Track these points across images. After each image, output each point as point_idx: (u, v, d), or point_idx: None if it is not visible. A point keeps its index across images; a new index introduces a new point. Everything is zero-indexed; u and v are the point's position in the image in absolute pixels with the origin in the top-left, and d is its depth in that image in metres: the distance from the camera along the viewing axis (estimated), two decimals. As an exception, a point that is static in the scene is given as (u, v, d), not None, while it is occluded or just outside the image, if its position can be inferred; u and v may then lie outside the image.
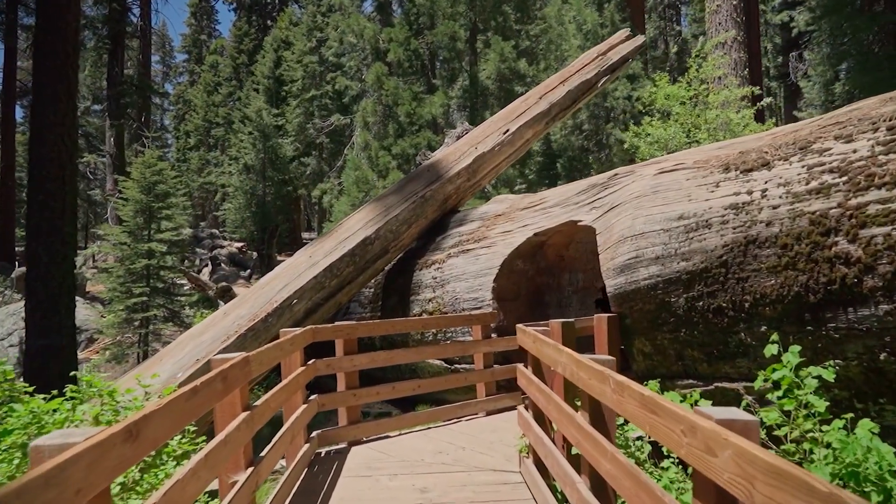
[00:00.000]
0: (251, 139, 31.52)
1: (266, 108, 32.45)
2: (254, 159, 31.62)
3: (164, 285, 20.85)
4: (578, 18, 25.31)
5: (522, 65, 22.22)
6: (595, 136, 26.31)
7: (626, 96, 25.66)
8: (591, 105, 25.90)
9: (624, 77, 25.89)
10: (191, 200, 37.73)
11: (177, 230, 22.07)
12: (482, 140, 10.76)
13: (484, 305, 7.93)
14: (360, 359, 6.51)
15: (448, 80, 22.91)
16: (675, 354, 5.60)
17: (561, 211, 7.53)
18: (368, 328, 6.60)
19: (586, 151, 25.92)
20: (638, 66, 26.36)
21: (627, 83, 25.71)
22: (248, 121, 32.54)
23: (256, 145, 31.51)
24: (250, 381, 4.12)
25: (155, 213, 20.69)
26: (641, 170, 6.70)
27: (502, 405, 7.58)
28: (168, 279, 21.26)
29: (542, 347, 4.53)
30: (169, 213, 20.86)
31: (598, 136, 26.24)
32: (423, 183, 10.07)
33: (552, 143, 26.32)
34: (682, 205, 5.52)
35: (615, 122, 25.78)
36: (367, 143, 23.36)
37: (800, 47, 26.06)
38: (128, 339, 20.56)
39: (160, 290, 20.42)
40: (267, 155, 31.78)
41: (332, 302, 9.01)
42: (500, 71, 22.02)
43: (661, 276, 5.51)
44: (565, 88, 11.59)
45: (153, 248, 19.93)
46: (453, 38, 22.36)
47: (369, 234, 9.21)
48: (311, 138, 32.62)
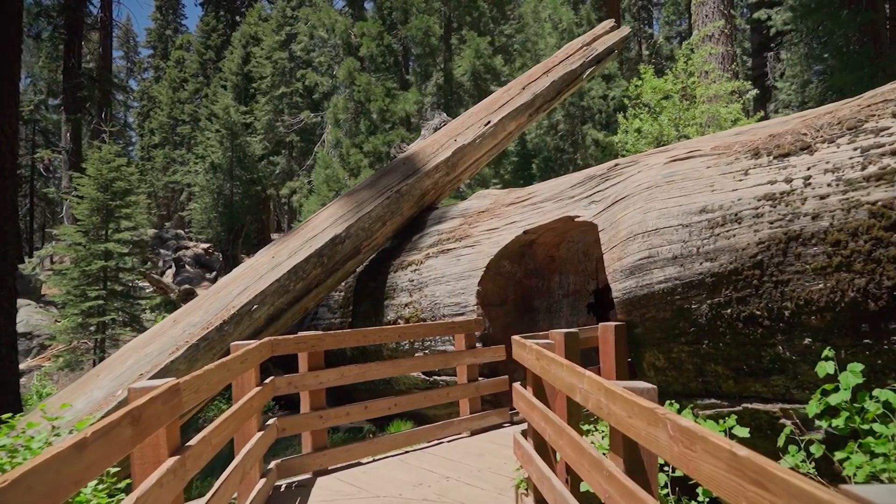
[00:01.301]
0: (218, 137, 30.21)
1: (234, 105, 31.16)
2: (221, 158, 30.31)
3: (123, 288, 19.54)
4: (554, 17, 24.67)
5: (498, 61, 21.42)
6: (571, 136, 25.67)
7: (602, 96, 25.09)
8: (566, 104, 25.25)
9: (600, 77, 25.32)
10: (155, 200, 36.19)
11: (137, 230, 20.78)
12: (462, 132, 9.87)
13: (467, 311, 7.03)
14: (327, 375, 5.56)
15: (422, 76, 21.99)
16: (695, 369, 4.76)
17: (554, 206, 6.67)
18: (337, 339, 5.65)
19: (561, 152, 25.26)
20: (614, 66, 25.81)
21: (603, 83, 25.13)
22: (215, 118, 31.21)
23: (224, 143, 30.21)
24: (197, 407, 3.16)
25: (113, 212, 19.35)
26: (646, 159, 5.87)
27: (488, 423, 6.68)
28: (127, 282, 19.95)
29: (549, 367, 3.64)
30: (128, 212, 19.56)
31: (574, 137, 25.61)
32: (398, 177, 9.13)
33: (527, 142, 25.61)
34: (704, 196, 4.68)
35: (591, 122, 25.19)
36: (339, 141, 22.32)
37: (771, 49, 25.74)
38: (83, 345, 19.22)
39: (118, 294, 19.09)
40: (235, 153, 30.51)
41: (297, 307, 8.02)
42: (476, 68, 21.18)
43: (679, 278, 4.67)
44: (549, 79, 10.77)
45: (111, 248, 18.60)
46: (427, 33, 21.44)
47: (339, 232, 8.25)
48: (280, 136, 31.43)
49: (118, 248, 18.70)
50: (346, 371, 5.70)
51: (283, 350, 5.34)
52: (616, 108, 25.79)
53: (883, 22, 15.56)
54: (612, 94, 24.99)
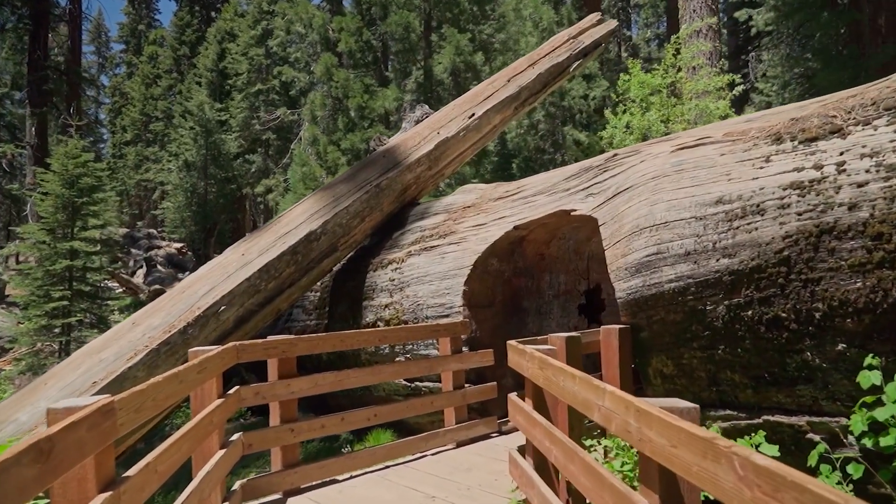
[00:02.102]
0: (192, 134, 29.32)
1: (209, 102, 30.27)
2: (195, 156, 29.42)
3: (91, 289, 18.64)
4: (535, 16, 24.27)
5: (479, 58, 20.92)
6: (551, 136, 25.29)
7: (583, 95, 24.74)
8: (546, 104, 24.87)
9: (580, 76, 24.98)
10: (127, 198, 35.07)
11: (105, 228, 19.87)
12: (445, 124, 9.33)
13: (452, 313, 6.49)
14: (299, 384, 4.96)
15: (402, 72, 21.42)
16: (708, 377, 4.27)
17: (546, 199, 6.15)
18: (311, 344, 5.06)
19: (542, 152, 24.87)
20: (594, 66, 25.49)
21: (584, 82, 24.79)
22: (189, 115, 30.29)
23: (198, 141, 29.33)
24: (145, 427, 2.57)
25: (79, 209, 18.44)
26: (649, 148, 5.38)
27: (476, 433, 6.14)
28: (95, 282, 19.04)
29: (557, 378, 3.11)
30: (95, 210, 18.64)
31: (554, 137, 25.24)
32: (378, 170, 8.55)
33: (507, 142, 25.19)
34: (720, 186, 4.19)
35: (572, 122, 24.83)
36: (315, 138, 21.64)
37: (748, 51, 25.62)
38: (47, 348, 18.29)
39: (85, 294, 18.18)
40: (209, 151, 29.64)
41: (269, 308, 7.40)
42: (456, 64, 20.66)
43: (692, 276, 4.17)
44: (535, 71, 10.28)
45: (77, 247, 17.69)
46: (407, 29, 20.88)
47: (314, 228, 7.65)
48: (256, 134, 30.59)
49: (85, 246, 17.81)
50: (321, 379, 5.11)
51: (249, 356, 4.74)
52: (597, 108, 25.51)
53: (865, 22, 15.36)
54: (592, 93, 24.66)
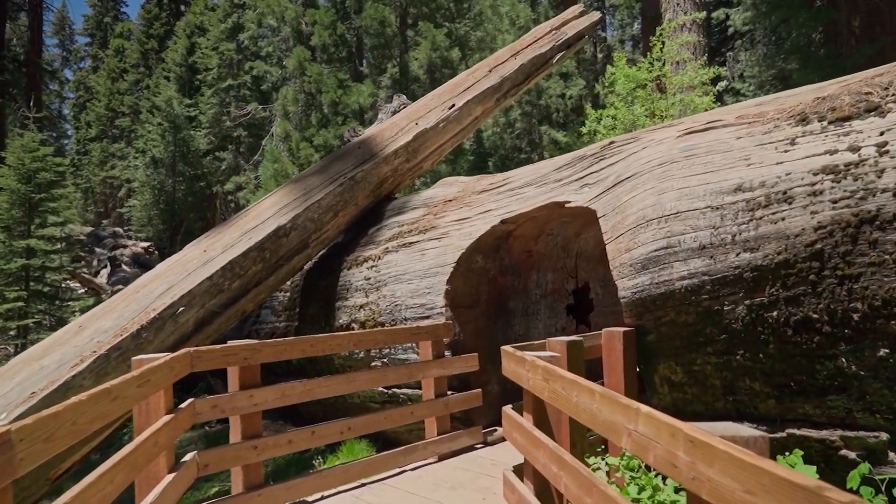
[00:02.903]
0: (160, 130, 28.30)
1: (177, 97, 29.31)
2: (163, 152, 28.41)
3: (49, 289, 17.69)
4: (511, 13, 23.87)
5: (455, 55, 20.40)
6: (527, 134, 24.92)
7: (560, 94, 24.40)
8: (523, 102, 24.50)
9: (557, 75, 24.64)
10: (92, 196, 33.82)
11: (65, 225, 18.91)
12: (424, 115, 8.79)
13: (434, 314, 5.94)
14: (263, 394, 4.37)
15: (377, 68, 20.81)
16: (723, 386, 3.80)
17: (536, 191, 5.65)
18: (277, 350, 4.48)
19: (518, 151, 24.48)
20: (571, 64, 25.18)
21: (561, 81, 24.46)
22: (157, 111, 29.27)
23: (166, 137, 28.32)
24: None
25: (36, 206, 17.47)
26: (650, 135, 4.91)
27: (459, 445, 5.60)
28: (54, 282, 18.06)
29: (570, 393, 2.59)
30: (54, 206, 17.71)
31: (531, 136, 24.87)
32: (352, 162, 7.97)
33: (483, 140, 24.74)
34: (739, 171, 3.72)
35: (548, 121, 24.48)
36: (288, 134, 20.93)
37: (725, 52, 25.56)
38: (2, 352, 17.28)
39: (43, 295, 17.22)
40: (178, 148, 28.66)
41: (233, 309, 6.77)
42: (432, 60, 20.12)
43: (708, 273, 3.70)
44: (518, 62, 9.79)
45: (34, 245, 16.72)
46: (383, 23, 20.28)
47: (284, 222, 7.04)
48: (227, 131, 29.67)
49: (43, 245, 16.87)
50: (289, 389, 4.52)
51: (206, 364, 4.14)
52: (574, 107, 25.20)
53: (842, 22, 15.23)
54: (569, 92, 24.33)
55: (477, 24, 23.92)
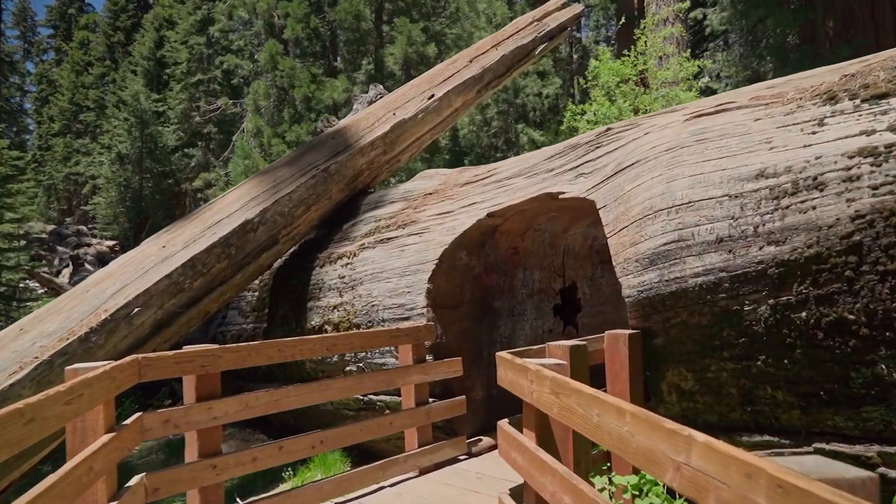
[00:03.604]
0: (127, 126, 27.32)
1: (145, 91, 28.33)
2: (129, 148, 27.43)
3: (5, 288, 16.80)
4: (488, 11, 23.51)
5: (432, 50, 19.92)
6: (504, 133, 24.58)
7: (537, 93, 24.11)
8: (499, 101, 24.16)
9: (534, 73, 24.34)
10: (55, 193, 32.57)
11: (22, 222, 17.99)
12: (402, 105, 8.30)
13: (414, 315, 5.45)
14: (224, 406, 3.85)
15: (351, 63, 20.24)
16: (741, 394, 3.39)
17: (526, 182, 5.20)
18: (239, 355, 3.95)
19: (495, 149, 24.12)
20: (548, 63, 24.90)
21: (538, 80, 24.17)
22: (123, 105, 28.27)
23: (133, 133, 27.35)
24: None
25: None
26: (653, 120, 4.50)
27: (442, 457, 5.13)
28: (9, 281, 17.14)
29: (589, 410, 2.13)
30: (10, 202, 16.83)
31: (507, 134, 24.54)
32: (326, 153, 7.45)
33: (460, 139, 24.33)
34: (760, 156, 3.32)
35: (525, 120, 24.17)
36: (259, 130, 20.23)
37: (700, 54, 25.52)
38: (-47, 355, 16.27)
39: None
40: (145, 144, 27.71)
41: (195, 310, 6.20)
42: (408, 55, 19.61)
43: (726, 269, 3.28)
44: (499, 53, 9.36)
45: (-12, 243, 15.82)
46: (358, 17, 19.72)
47: (251, 216, 6.49)
48: (196, 127, 28.76)
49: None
50: (253, 400, 4.00)
51: (157, 373, 3.61)
52: (551, 106, 24.93)
53: (819, 21, 15.12)
54: (546, 91, 24.05)
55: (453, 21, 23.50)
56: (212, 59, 28.11)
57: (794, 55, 15.91)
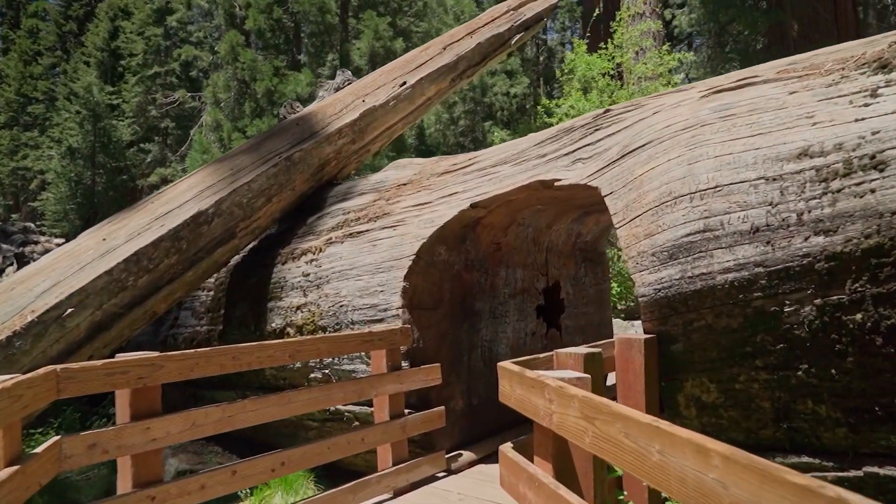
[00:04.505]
0: (78, 119, 25.86)
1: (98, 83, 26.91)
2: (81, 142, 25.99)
3: (-60, 288, 15.45)
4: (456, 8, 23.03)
5: (399, 45, 19.30)
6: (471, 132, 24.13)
7: (505, 93, 23.71)
8: (466, 99, 23.72)
9: (503, 72, 23.95)
10: (0, 188, 30.77)
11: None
12: (372, 92, 7.68)
13: (388, 317, 4.85)
14: (165, 425, 3.19)
15: (316, 56, 19.47)
16: (775, 409, 2.90)
17: (513, 170, 4.66)
18: (185, 364, 3.30)
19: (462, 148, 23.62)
20: (516, 62, 24.54)
21: (506, 78, 23.78)
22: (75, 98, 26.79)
23: (85, 126, 25.91)
24: None
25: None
26: (656, 101, 4.01)
27: (419, 476, 4.54)
28: (-55, 280, 15.84)
29: (645, 445, 1.58)
30: (-55, 195, 15.56)
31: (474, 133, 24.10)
32: (289, 140, 6.78)
33: (426, 137, 23.78)
34: (801, 133, 2.83)
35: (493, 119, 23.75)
36: (219, 123, 19.30)
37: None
38: None
39: (-68, 294, 14.98)
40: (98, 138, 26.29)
41: (140, 311, 5.48)
42: (375, 50, 18.95)
43: (764, 263, 2.79)
44: (474, 41, 8.83)
45: (-80, 238, 14.55)
46: (322, 9, 18.98)
47: (205, 207, 5.80)
48: (153, 122, 27.49)
49: (-68, 238, 14.74)
50: (201, 417, 3.35)
51: (80, 387, 2.93)
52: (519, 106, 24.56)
53: (789, 23, 15.06)
54: (514, 91, 23.66)
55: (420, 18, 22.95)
56: (169, 52, 26.90)
57: (761, 57, 15.85)
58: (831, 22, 16.15)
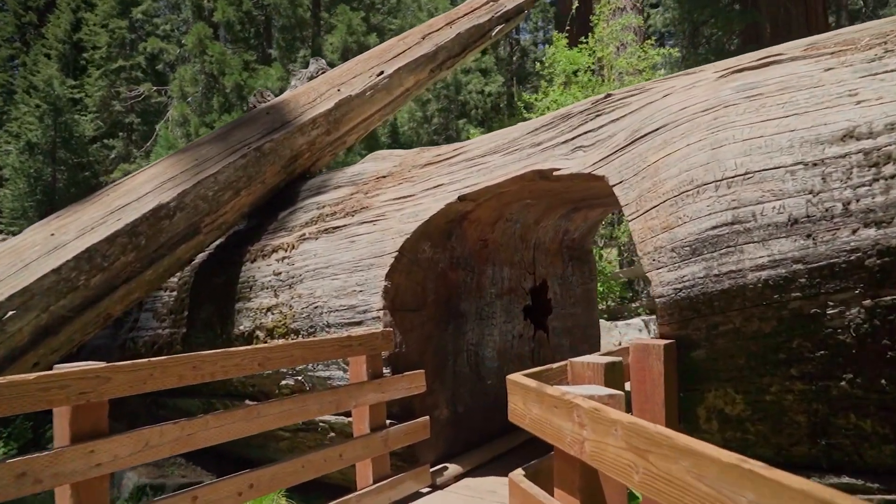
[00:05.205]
0: (38, 113, 24.76)
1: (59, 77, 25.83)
2: (41, 137, 24.86)
3: None
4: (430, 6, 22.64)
5: (373, 40, 18.80)
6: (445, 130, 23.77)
7: (479, 91, 23.40)
8: (440, 97, 23.36)
9: (477, 70, 23.62)
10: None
11: None
12: (347, 81, 7.23)
13: (368, 319, 4.42)
14: (112, 448, 2.71)
15: (287, 50, 18.86)
16: (811, 423, 2.56)
17: (505, 160, 4.27)
18: (136, 376, 2.83)
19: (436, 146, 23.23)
20: (490, 60, 24.24)
21: (481, 77, 23.47)
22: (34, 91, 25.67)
23: (45, 121, 24.80)
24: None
25: None
26: (663, 84, 3.66)
27: (402, 493, 4.12)
28: None
29: (729, 491, 1.19)
30: None
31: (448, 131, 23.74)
32: (259, 130, 6.30)
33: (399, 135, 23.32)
34: (844, 112, 2.50)
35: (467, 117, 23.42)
36: (186, 118, 18.57)
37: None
38: None
39: None
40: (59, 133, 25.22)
41: (92, 313, 4.94)
42: (348, 44, 18.43)
43: (803, 259, 2.44)
44: (454, 31, 8.43)
45: None
46: (294, 2, 18.39)
47: (167, 200, 5.28)
48: (117, 116, 26.49)
49: None
50: (156, 437, 2.88)
51: (7, 408, 2.44)
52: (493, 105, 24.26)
53: (764, 24, 15.01)
54: (488, 89, 23.35)
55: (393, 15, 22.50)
56: (135, 45, 25.95)
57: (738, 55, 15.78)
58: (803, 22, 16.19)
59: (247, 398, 5.55)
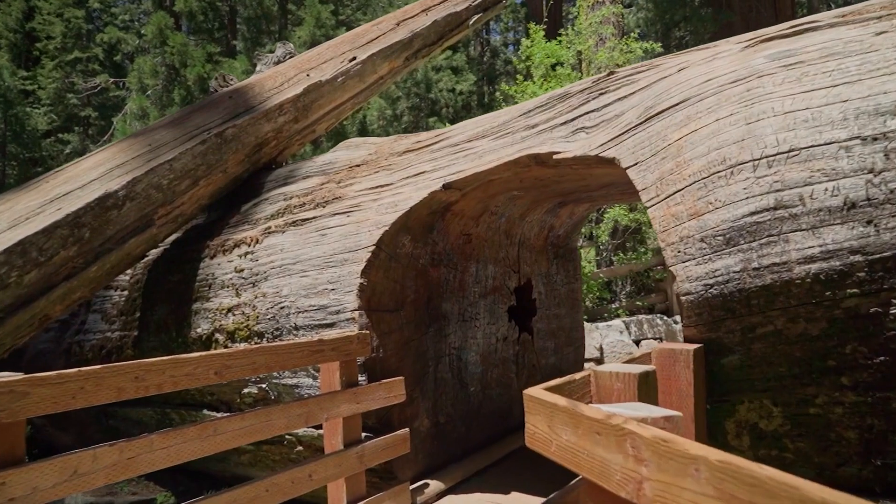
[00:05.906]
0: (-13, 105, 23.52)
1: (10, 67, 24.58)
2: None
3: None
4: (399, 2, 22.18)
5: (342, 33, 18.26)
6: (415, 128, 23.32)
7: (451, 89, 23.02)
8: (410, 95, 22.91)
9: (448, 68, 23.24)
10: None
11: None
12: (317, 66, 6.74)
13: (342, 321, 3.95)
14: (30, 479, 2.20)
15: (253, 42, 18.17)
16: (864, 440, 2.20)
17: (495, 144, 3.85)
18: (63, 390, 2.32)
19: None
20: (462, 59, 23.89)
21: (452, 75, 23.09)
22: (-17, 82, 24.38)
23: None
24: None
25: None
26: (677, 59, 3.29)
27: (379, 516, 3.66)
28: None
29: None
30: None
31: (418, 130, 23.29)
32: (221, 115, 5.76)
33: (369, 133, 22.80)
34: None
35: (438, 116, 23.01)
36: (145, 111, 17.72)
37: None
38: None
39: None
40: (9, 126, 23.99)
41: (26, 314, 4.36)
42: (316, 38, 17.84)
43: (863, 249, 2.08)
44: (430, 18, 8.01)
45: None
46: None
47: (115, 188, 4.72)
48: (73, 110, 25.33)
49: None
50: (87, 463, 2.37)
51: None
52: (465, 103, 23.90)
53: (739, 24, 14.96)
54: (460, 87, 22.98)
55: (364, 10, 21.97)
56: (92, 35, 24.87)
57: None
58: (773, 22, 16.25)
59: (205, 408, 5.02)
